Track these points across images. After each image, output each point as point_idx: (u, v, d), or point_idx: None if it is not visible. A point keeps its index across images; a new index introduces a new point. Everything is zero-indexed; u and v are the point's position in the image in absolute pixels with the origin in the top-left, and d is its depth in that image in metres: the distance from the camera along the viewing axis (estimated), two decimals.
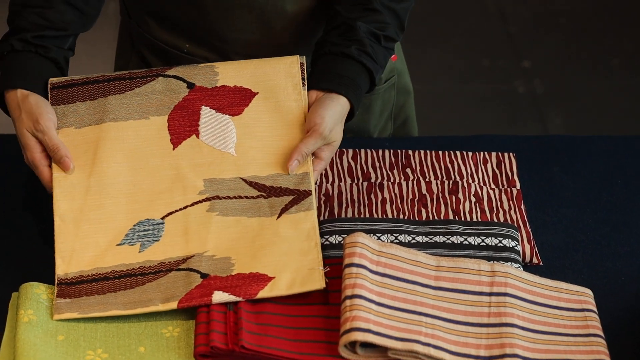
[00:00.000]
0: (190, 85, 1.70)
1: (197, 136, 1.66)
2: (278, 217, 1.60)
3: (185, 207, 1.61)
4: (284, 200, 1.61)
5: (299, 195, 1.61)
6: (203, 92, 1.69)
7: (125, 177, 1.63)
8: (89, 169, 1.63)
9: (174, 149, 1.66)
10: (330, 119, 1.67)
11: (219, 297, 1.50)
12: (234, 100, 1.69)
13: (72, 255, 1.56)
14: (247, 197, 1.62)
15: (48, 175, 1.63)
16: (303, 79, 1.71)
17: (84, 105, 1.68)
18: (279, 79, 1.71)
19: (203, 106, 1.68)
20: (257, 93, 1.70)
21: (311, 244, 1.57)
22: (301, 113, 1.69)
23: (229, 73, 1.71)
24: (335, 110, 1.68)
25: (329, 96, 1.69)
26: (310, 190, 1.62)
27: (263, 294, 1.51)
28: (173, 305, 1.50)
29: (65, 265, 1.55)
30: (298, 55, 1.74)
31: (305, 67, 1.72)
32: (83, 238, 1.58)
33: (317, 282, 1.52)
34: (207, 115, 1.68)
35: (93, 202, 1.61)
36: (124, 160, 1.64)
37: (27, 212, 1.72)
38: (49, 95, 1.69)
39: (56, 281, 1.54)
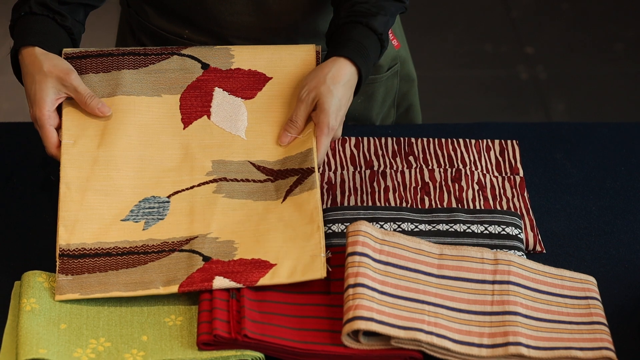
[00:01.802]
0: (205, 66, 1.69)
1: (209, 117, 1.66)
2: (283, 200, 1.60)
3: (192, 187, 1.61)
4: (289, 181, 1.61)
5: (303, 174, 1.61)
6: (217, 73, 1.69)
7: (135, 151, 1.62)
8: (99, 139, 1.63)
9: (184, 129, 1.66)
10: (310, 82, 1.65)
11: (219, 282, 1.49)
12: (248, 84, 1.69)
13: (75, 225, 1.56)
14: (254, 181, 1.62)
15: (54, 136, 1.62)
16: None
17: (97, 77, 1.68)
18: (294, 65, 1.71)
19: (216, 87, 1.68)
20: (272, 78, 1.70)
21: (314, 227, 1.56)
22: None
23: (245, 57, 1.71)
24: (317, 72, 1.66)
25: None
26: (313, 167, 1.61)
27: (264, 281, 1.50)
28: (174, 288, 1.50)
29: (68, 234, 1.55)
30: (314, 45, 1.74)
31: (320, 56, 1.72)
32: (87, 209, 1.57)
33: (319, 270, 1.52)
34: (220, 97, 1.68)
35: (100, 173, 1.60)
36: (134, 135, 1.64)
37: (29, 203, 1.72)
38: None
39: (58, 252, 1.53)
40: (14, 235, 1.66)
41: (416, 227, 1.63)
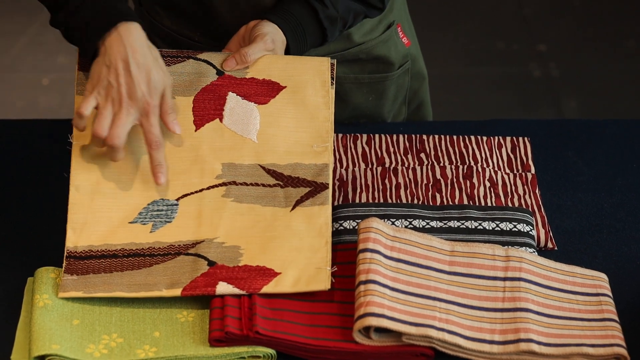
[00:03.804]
0: (220, 72, 1.69)
1: (221, 120, 1.66)
2: (292, 209, 1.60)
3: (201, 190, 1.61)
4: (299, 191, 1.61)
5: (316, 188, 1.61)
6: (231, 80, 1.69)
7: (145, 153, 1.62)
8: None
9: (196, 131, 1.66)
10: (272, 34, 1.71)
11: (222, 288, 1.50)
12: (262, 91, 1.69)
13: (83, 228, 1.56)
14: (263, 185, 1.62)
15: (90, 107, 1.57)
16: (332, 78, 1.71)
17: None
18: (308, 75, 1.71)
19: (230, 92, 1.68)
20: (285, 87, 1.70)
21: (322, 242, 1.57)
22: (327, 110, 1.69)
23: (259, 67, 1.71)
24: (274, 27, 1.72)
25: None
26: (328, 184, 1.62)
27: (267, 289, 1.50)
28: (177, 292, 1.50)
29: (76, 237, 1.55)
30: (329, 58, 1.74)
31: (335, 68, 1.73)
32: (96, 212, 1.58)
33: (323, 282, 1.52)
34: (233, 101, 1.68)
35: (110, 176, 1.60)
36: None
37: (42, 200, 1.73)
38: (78, 60, 1.67)
39: (65, 254, 1.54)
40: (27, 231, 1.67)
41: (427, 224, 1.64)
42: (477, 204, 1.70)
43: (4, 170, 1.80)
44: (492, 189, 1.73)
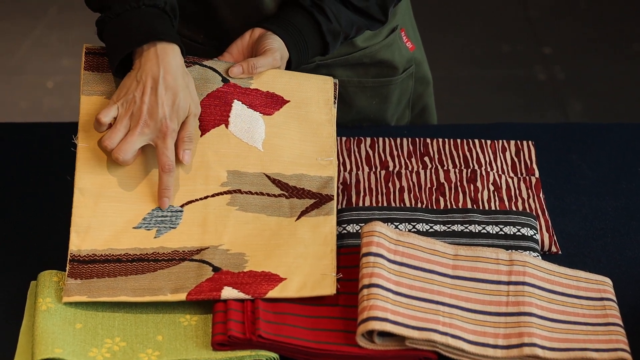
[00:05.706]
0: (225, 80, 1.69)
1: (227, 126, 1.66)
2: (297, 218, 1.60)
3: (205, 197, 1.61)
4: (305, 202, 1.61)
5: (321, 199, 1.62)
6: (236, 88, 1.69)
7: (149, 156, 1.62)
8: None
9: (201, 136, 1.65)
10: (281, 50, 1.70)
11: (228, 293, 1.50)
12: (266, 102, 1.69)
13: (87, 231, 1.56)
14: (268, 195, 1.62)
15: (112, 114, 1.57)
16: (335, 97, 1.72)
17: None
18: (312, 91, 1.71)
19: (235, 100, 1.68)
20: (289, 101, 1.70)
21: (327, 249, 1.57)
22: (331, 127, 1.69)
23: (264, 79, 1.71)
24: (282, 43, 1.71)
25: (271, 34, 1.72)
26: (333, 195, 1.62)
27: (272, 294, 1.50)
28: (182, 296, 1.50)
29: (80, 240, 1.55)
30: (332, 77, 1.75)
31: (337, 87, 1.73)
32: (100, 215, 1.57)
33: (328, 287, 1.52)
34: (239, 109, 1.67)
35: (114, 179, 1.60)
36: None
37: (45, 202, 1.73)
38: (83, 59, 1.67)
39: (68, 257, 1.54)
40: (30, 234, 1.67)
41: (431, 227, 1.63)
42: (481, 207, 1.70)
43: (7, 173, 1.80)
44: (496, 193, 1.73)
